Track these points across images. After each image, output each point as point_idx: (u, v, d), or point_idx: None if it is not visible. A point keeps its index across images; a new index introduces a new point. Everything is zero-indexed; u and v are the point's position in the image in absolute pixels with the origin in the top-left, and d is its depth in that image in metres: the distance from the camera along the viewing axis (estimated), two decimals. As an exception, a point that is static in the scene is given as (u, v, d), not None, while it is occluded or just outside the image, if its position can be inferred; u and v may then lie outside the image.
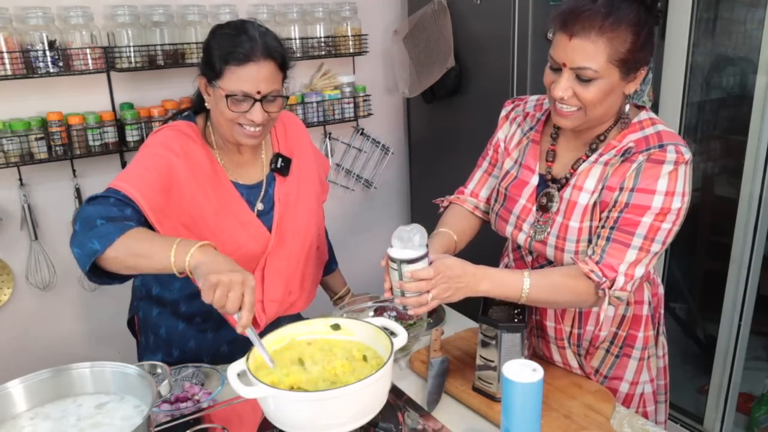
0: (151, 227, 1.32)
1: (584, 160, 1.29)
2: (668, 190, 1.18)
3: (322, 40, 2.54)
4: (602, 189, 1.25)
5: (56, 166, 2.20)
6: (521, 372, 1.05)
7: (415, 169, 3.05)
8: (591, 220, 1.26)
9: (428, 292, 1.15)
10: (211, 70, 1.35)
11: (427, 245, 1.16)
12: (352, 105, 2.70)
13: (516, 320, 1.27)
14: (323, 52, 2.55)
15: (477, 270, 1.20)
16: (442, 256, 1.20)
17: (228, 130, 1.39)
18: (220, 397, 1.30)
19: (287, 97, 1.42)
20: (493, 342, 1.26)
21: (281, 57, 1.37)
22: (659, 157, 1.19)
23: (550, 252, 1.32)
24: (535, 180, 1.36)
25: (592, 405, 1.28)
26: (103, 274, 1.23)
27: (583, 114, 1.21)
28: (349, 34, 2.60)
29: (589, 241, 1.27)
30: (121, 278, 1.26)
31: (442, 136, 2.75)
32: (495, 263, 2.38)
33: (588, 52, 1.14)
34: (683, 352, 2.69)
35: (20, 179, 2.16)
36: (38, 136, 2.07)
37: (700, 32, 2.42)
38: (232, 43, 1.33)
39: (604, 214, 1.24)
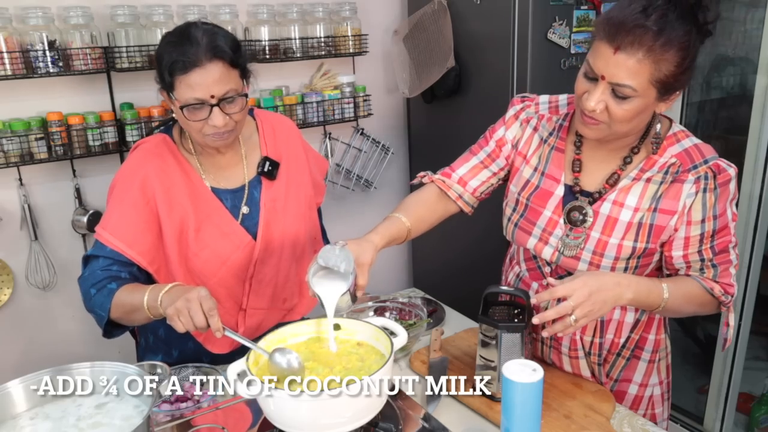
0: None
1: (620, 175, 1.26)
2: (731, 199, 1.23)
3: (322, 40, 2.54)
4: (654, 211, 1.23)
5: (56, 166, 2.20)
6: (521, 372, 1.05)
7: (415, 169, 3.05)
8: (635, 240, 1.24)
9: (570, 314, 1.11)
10: (164, 83, 1.34)
11: (353, 271, 1.17)
12: (352, 105, 2.69)
13: (516, 320, 1.27)
14: (323, 52, 2.55)
15: (621, 278, 1.17)
16: (576, 274, 1.15)
17: (199, 139, 1.38)
18: (220, 397, 1.30)
19: (246, 95, 1.37)
20: (493, 342, 1.26)
21: (229, 55, 1.31)
22: (726, 178, 1.20)
23: (582, 267, 1.28)
24: (560, 191, 1.31)
25: (592, 405, 1.28)
26: (120, 326, 1.40)
27: (608, 128, 1.18)
28: (349, 34, 2.60)
29: (628, 259, 1.25)
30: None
31: (442, 136, 2.75)
32: (495, 267, 2.36)
33: (631, 69, 1.09)
34: (683, 352, 2.69)
35: (20, 179, 2.16)
36: (38, 136, 2.07)
37: (700, 32, 2.41)
38: (175, 52, 1.29)
39: (693, 249, 1.23)
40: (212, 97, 1.30)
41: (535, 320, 1.14)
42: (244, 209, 1.49)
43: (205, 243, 1.44)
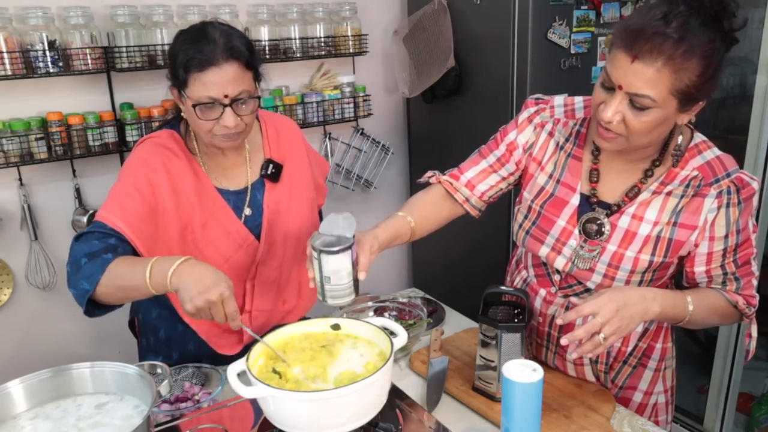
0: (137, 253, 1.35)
1: (640, 188, 1.23)
2: (752, 212, 1.21)
3: (322, 40, 2.55)
4: (674, 225, 1.20)
5: (56, 166, 2.20)
6: (521, 372, 1.05)
7: (415, 169, 3.05)
8: (653, 254, 1.21)
9: (599, 332, 1.09)
10: (177, 80, 1.33)
11: (353, 237, 1.15)
12: (352, 105, 2.70)
13: (516, 320, 1.27)
14: (323, 52, 2.55)
15: (646, 292, 1.14)
16: (601, 292, 1.13)
17: (207, 139, 1.37)
18: (220, 397, 1.30)
19: (259, 98, 1.38)
20: (493, 342, 1.26)
21: (245, 56, 1.32)
22: (750, 193, 1.19)
23: (596, 279, 1.27)
24: (576, 200, 1.28)
25: (592, 405, 1.28)
26: (102, 306, 1.29)
27: (626, 141, 1.14)
28: (349, 34, 2.60)
29: (643, 273, 1.23)
30: (117, 306, 1.33)
31: (442, 136, 2.75)
32: (495, 267, 2.35)
33: (650, 79, 1.04)
34: (683, 352, 2.68)
35: (20, 179, 2.16)
36: (38, 136, 2.07)
37: (700, 32, 2.41)
38: (192, 49, 1.28)
39: (716, 264, 1.21)
40: (226, 96, 1.29)
41: (564, 341, 1.11)
42: (247, 211, 1.48)
43: (209, 240, 1.43)
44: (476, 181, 1.41)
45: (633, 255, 1.22)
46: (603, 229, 1.25)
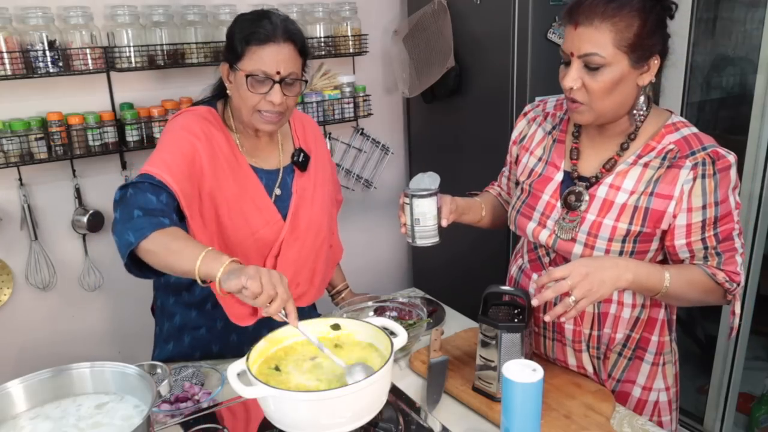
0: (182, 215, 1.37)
1: (617, 160, 1.29)
2: (733, 187, 1.23)
3: (322, 40, 2.55)
4: (650, 195, 1.24)
5: (56, 166, 2.20)
6: (521, 372, 1.05)
7: (415, 169, 3.05)
8: (630, 223, 1.25)
9: (569, 295, 1.13)
10: (232, 53, 1.40)
11: (438, 188, 1.34)
12: (352, 105, 2.70)
13: (516, 320, 1.27)
14: (323, 52, 2.55)
15: (619, 260, 1.20)
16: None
17: (248, 116, 1.42)
18: (220, 397, 1.30)
19: (306, 81, 1.46)
20: (493, 342, 1.26)
21: (301, 41, 1.42)
22: (725, 164, 1.21)
23: (578, 250, 1.30)
24: (559, 176, 1.36)
25: (592, 405, 1.28)
26: (140, 265, 1.26)
27: (591, 108, 1.22)
28: (349, 34, 2.60)
29: (623, 242, 1.26)
30: (155, 273, 1.28)
31: (442, 136, 2.75)
32: (495, 267, 2.36)
33: (593, 38, 1.16)
34: (683, 352, 2.68)
35: (20, 179, 2.16)
36: (38, 136, 2.07)
37: (700, 32, 2.42)
38: (253, 25, 1.38)
39: (696, 237, 1.23)
40: (278, 73, 1.38)
41: (534, 302, 1.17)
42: (277, 191, 1.54)
43: (240, 211, 1.47)
44: (500, 182, 1.64)
45: (611, 223, 1.26)
46: (582, 200, 1.30)
